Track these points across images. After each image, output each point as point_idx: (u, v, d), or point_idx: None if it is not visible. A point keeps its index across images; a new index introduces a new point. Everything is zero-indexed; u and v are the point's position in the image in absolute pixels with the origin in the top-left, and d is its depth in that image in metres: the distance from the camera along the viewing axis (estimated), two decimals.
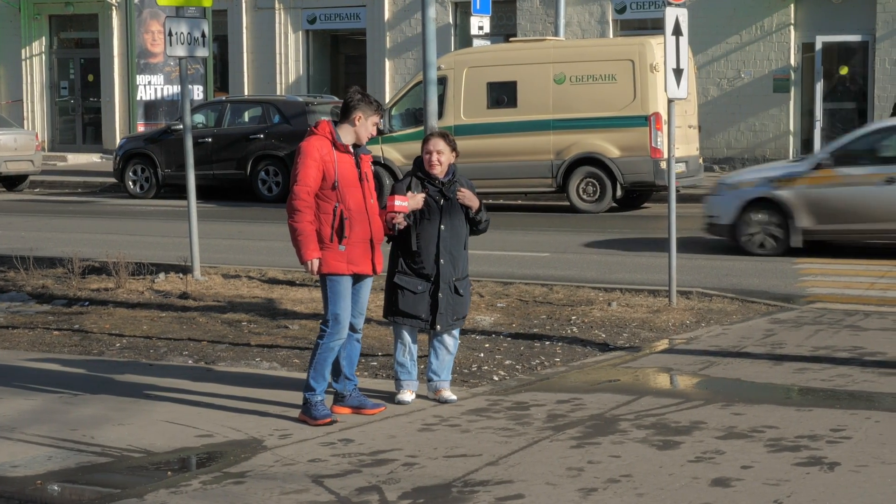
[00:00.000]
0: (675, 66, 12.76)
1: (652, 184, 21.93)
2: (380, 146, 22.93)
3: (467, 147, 22.20)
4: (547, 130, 22.22)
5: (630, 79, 21.57)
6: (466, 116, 22.68)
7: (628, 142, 21.70)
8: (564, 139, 22.10)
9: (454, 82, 22.81)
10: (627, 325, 11.91)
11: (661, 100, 21.27)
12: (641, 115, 21.60)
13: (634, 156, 21.68)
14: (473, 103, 22.68)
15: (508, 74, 22.60)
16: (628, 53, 21.92)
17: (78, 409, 8.86)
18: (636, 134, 21.66)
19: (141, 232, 20.56)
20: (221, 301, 13.22)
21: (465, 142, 22.14)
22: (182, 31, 14.39)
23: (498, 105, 22.59)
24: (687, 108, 22.24)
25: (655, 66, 21.24)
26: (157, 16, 31.11)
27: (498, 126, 22.49)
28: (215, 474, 7.29)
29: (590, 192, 22.14)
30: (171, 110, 31.48)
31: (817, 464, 7.21)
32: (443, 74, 22.58)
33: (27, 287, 14.27)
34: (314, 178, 8.21)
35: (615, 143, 21.83)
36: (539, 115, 22.26)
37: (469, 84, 22.74)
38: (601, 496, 6.73)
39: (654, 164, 21.52)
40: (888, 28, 27.25)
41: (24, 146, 29.17)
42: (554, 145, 22.23)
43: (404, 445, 7.79)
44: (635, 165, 21.73)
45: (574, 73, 22.04)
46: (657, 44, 21.60)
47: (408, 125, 23.21)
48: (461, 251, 8.86)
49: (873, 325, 11.66)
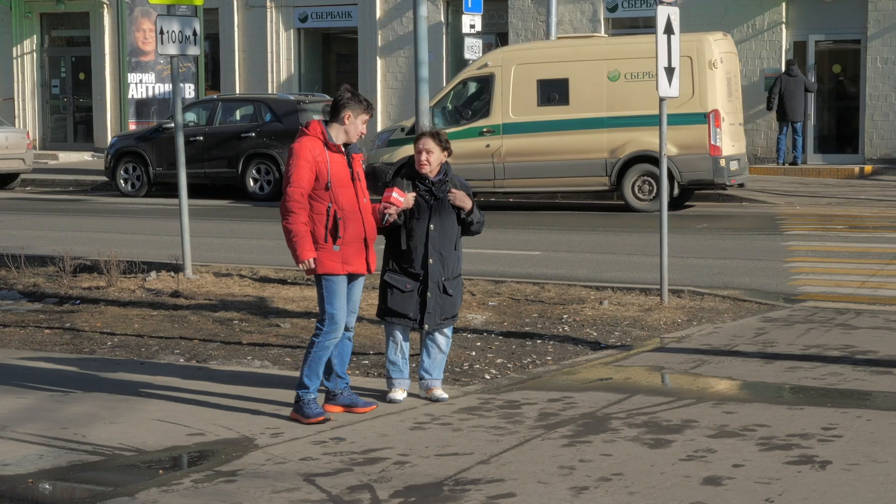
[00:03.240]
0: (666, 65, 12.76)
1: (710, 182, 21.57)
2: None
3: (516, 146, 22.12)
4: (601, 128, 21.80)
5: (688, 75, 21.00)
6: (515, 115, 22.21)
7: (686, 139, 21.23)
8: (619, 137, 21.63)
9: (502, 80, 22.33)
10: (619, 323, 11.91)
11: (720, 97, 21.22)
12: (700, 112, 21.17)
13: (692, 153, 21.25)
14: (522, 101, 22.15)
15: (560, 71, 22.15)
16: (686, 50, 21.08)
17: (69, 407, 8.85)
18: (694, 131, 21.23)
19: (132, 230, 20.53)
20: (213, 299, 13.21)
21: (513, 140, 22.15)
22: (173, 30, 14.37)
23: (549, 103, 22.15)
24: (737, 105, 22.17)
25: (714, 62, 21.05)
26: (148, 14, 31.05)
27: (549, 124, 22.08)
28: (207, 473, 7.28)
29: (645, 191, 21.75)
30: (163, 109, 31.42)
31: (809, 462, 7.22)
32: (489, 72, 22.48)
33: (18, 285, 14.24)
34: (307, 179, 8.21)
35: (672, 140, 20.76)
36: (592, 112, 21.87)
37: (518, 81, 22.22)
38: (592, 495, 6.73)
39: (714, 162, 21.24)
40: (880, 27, 27.28)
41: (15, 144, 29.10)
42: (608, 143, 21.83)
43: (396, 444, 7.79)
44: (693, 163, 21.32)
45: (629, 70, 21.57)
46: (715, 40, 21.58)
47: (453, 123, 22.76)
48: (451, 251, 8.85)
49: (864, 323, 11.67)
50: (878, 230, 18.88)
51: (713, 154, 21.28)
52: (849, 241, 17.65)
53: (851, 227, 19.38)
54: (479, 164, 22.23)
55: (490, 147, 22.32)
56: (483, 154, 22.31)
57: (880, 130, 27.45)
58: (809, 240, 18.05)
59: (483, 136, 22.39)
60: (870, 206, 22.31)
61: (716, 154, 21.27)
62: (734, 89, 22.25)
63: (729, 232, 18.97)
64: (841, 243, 17.48)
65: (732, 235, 18.59)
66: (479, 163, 22.25)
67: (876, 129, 27.49)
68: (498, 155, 22.28)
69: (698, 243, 17.53)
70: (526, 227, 20.24)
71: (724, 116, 21.31)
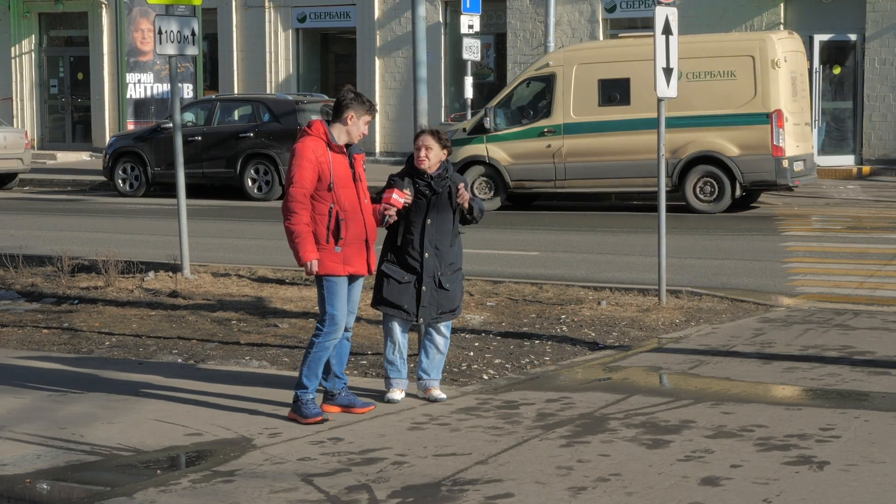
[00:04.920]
0: (665, 66, 12.77)
1: (773, 183, 21.33)
2: (484, 145, 22.61)
3: (577, 146, 21.90)
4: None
5: (750, 75, 20.91)
6: (576, 114, 22.02)
7: (748, 140, 21.04)
8: (681, 137, 21.24)
9: (563, 79, 22.16)
10: (617, 323, 11.91)
11: (784, 96, 20.99)
12: (762, 112, 20.91)
13: (755, 154, 21.01)
14: (584, 101, 21.90)
15: (621, 71, 21.86)
16: (749, 49, 21.21)
17: (67, 407, 8.85)
18: (756, 132, 20.99)
19: (130, 230, 20.53)
20: (211, 299, 13.21)
21: (574, 140, 21.96)
22: (172, 30, 14.36)
23: (610, 102, 21.94)
24: (803, 105, 21.95)
25: (777, 61, 20.85)
26: (146, 14, 31.05)
27: (610, 124, 21.87)
28: (205, 473, 7.28)
29: (707, 192, 21.48)
30: (161, 108, 31.41)
31: (807, 463, 7.22)
32: (551, 71, 22.37)
33: (16, 285, 14.24)
34: (310, 180, 8.21)
35: (734, 140, 21.13)
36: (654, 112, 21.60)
37: (579, 81, 21.99)
38: (591, 495, 6.73)
39: (777, 163, 20.96)
40: (878, 27, 27.30)
41: (13, 144, 29.11)
42: (669, 144, 21.11)
43: (394, 444, 7.79)
44: (756, 164, 21.06)
45: (691, 70, 21.12)
46: (779, 39, 21.36)
47: (514, 123, 22.71)
48: (447, 246, 8.86)
49: (862, 324, 11.67)
50: (876, 231, 18.89)
51: (776, 155, 20.95)
52: (847, 242, 17.66)
53: (849, 227, 19.39)
54: (540, 165, 22.24)
55: (551, 147, 22.19)
56: (544, 154, 22.23)
57: (878, 131, 27.48)
58: (807, 240, 18.07)
59: (544, 137, 22.29)
60: (868, 206, 22.33)
61: (778, 155, 20.95)
62: (800, 88, 21.92)
63: (727, 232, 18.97)
64: (839, 244, 17.49)
65: (731, 236, 18.59)
66: (541, 163, 22.24)
67: (874, 130, 27.52)
68: (559, 155, 22.13)
69: (696, 244, 17.54)
70: (524, 227, 20.24)
71: (787, 116, 21.01)
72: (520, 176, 22.55)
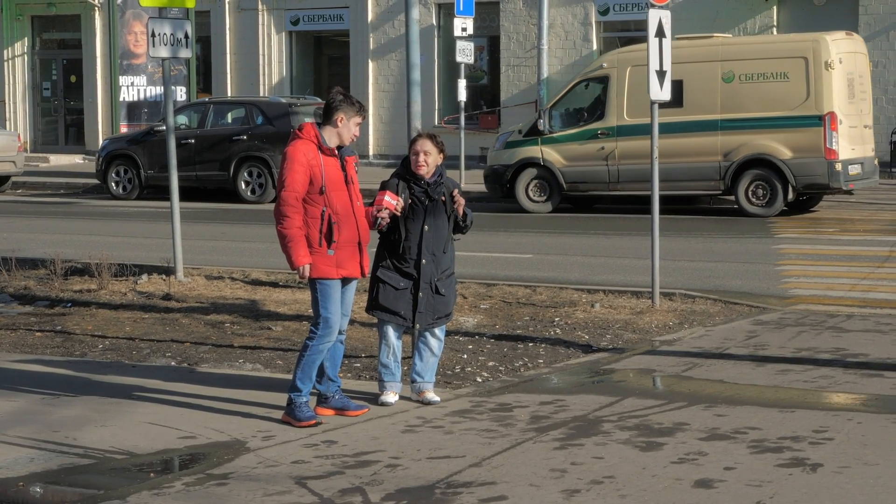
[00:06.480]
0: (658, 68, 12.80)
1: (826, 186, 21.01)
2: (539, 147, 22.51)
3: (630, 148, 21.54)
4: (714, 131, 21.34)
5: (803, 77, 20.69)
6: (630, 117, 21.71)
7: (801, 142, 20.77)
8: (733, 140, 21.15)
9: (617, 82, 22.01)
10: (610, 326, 11.92)
11: (837, 99, 20.75)
12: (815, 114, 20.65)
13: (807, 157, 20.73)
14: (637, 103, 21.22)
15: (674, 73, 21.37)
16: (802, 50, 20.97)
17: (60, 410, 8.84)
18: (809, 134, 20.72)
19: (124, 233, 20.51)
20: (204, 302, 13.20)
21: (627, 143, 21.66)
22: (165, 32, 14.36)
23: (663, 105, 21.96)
24: (862, 107, 21.71)
25: (831, 63, 20.59)
26: (139, 17, 31.02)
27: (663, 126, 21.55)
28: (198, 476, 7.27)
29: (759, 195, 21.20)
30: (154, 111, 31.40)
31: (800, 465, 7.23)
32: (605, 73, 22.28)
33: (9, 288, 14.22)
34: (301, 183, 8.19)
35: (787, 143, 20.84)
36: (706, 114, 21.40)
37: (633, 83, 21.58)
38: (584, 497, 6.73)
39: (829, 166, 20.67)
40: (870, 30, 27.34)
41: (6, 147, 29.06)
42: (722, 146, 21.35)
43: (388, 447, 7.78)
44: (808, 167, 20.79)
45: (743, 72, 21.08)
46: (832, 40, 21.04)
47: (569, 125, 22.61)
48: (443, 252, 8.86)
49: (855, 326, 11.68)
50: (868, 233, 18.91)
51: (829, 158, 20.66)
52: (839, 245, 17.69)
53: (842, 230, 19.41)
54: (594, 167, 22.16)
55: (604, 149, 22.08)
56: (598, 157, 22.12)
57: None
58: (800, 243, 18.09)
59: (598, 139, 22.19)
60: (860, 209, 22.35)
61: (831, 158, 20.67)
62: (858, 90, 21.64)
63: (720, 235, 18.99)
64: (832, 246, 17.52)
65: (724, 238, 18.61)
66: (595, 165, 22.15)
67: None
68: (612, 158, 22.00)
69: (689, 246, 17.55)
70: (517, 229, 20.25)
71: (842, 119, 20.75)
72: (574, 178, 22.39)
